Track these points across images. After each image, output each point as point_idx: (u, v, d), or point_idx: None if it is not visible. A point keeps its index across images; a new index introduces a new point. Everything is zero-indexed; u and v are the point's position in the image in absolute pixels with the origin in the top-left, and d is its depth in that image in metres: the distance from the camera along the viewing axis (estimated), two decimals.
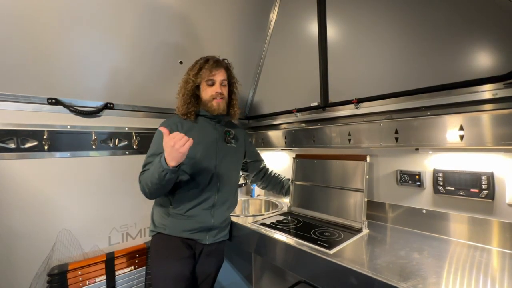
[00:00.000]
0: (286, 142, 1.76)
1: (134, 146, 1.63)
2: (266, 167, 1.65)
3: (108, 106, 1.52)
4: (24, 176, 1.28)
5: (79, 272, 1.35)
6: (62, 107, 1.37)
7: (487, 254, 0.97)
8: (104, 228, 1.52)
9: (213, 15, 1.66)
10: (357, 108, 1.33)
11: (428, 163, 1.21)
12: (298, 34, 1.69)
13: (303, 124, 1.67)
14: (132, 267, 1.54)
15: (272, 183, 1.63)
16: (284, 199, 1.85)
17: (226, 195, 1.31)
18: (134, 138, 1.63)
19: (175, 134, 1.00)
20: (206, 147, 1.27)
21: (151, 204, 1.32)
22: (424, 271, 0.84)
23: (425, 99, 1.10)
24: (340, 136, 1.43)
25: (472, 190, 1.07)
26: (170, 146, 0.98)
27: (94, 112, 1.47)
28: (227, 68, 1.34)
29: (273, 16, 1.87)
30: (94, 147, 1.48)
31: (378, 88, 1.25)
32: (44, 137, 1.32)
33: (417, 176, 1.22)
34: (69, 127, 1.40)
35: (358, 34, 1.35)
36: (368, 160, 1.31)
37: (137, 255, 1.56)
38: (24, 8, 1.13)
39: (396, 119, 1.20)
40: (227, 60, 1.35)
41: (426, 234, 1.17)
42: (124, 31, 1.41)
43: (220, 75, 1.29)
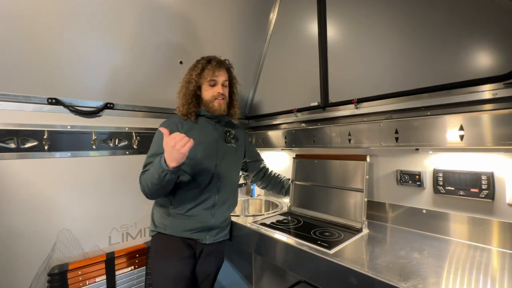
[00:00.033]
0: (286, 142, 1.76)
1: (134, 146, 1.63)
2: (266, 167, 1.65)
3: (108, 106, 1.52)
4: (24, 176, 1.28)
5: (79, 272, 1.35)
6: (62, 107, 1.37)
7: (487, 254, 0.97)
8: (104, 228, 1.52)
9: (213, 15, 1.66)
10: (357, 108, 1.33)
11: (428, 163, 1.21)
12: (298, 34, 1.69)
13: (303, 124, 1.67)
14: (132, 267, 1.55)
15: (272, 183, 1.63)
16: (284, 199, 1.85)
17: (226, 195, 1.31)
18: (134, 138, 1.63)
19: (176, 135, 0.99)
20: (207, 147, 1.27)
21: (151, 204, 1.32)
22: (424, 271, 0.84)
23: (425, 99, 1.10)
24: (340, 136, 1.43)
25: (472, 190, 1.07)
26: (171, 147, 0.98)
27: (94, 112, 1.47)
28: (228, 68, 1.35)
29: (273, 16, 1.87)
30: (94, 147, 1.48)
31: (378, 88, 1.25)
32: (44, 137, 1.33)
33: (417, 176, 1.22)
34: (69, 127, 1.40)
35: (358, 34, 1.35)
36: (368, 160, 1.31)
37: (137, 255, 1.56)
38: (24, 8, 1.13)
39: (396, 119, 1.20)
40: (228, 60, 1.35)
41: (426, 234, 1.17)
42: (124, 31, 1.41)
43: (222, 75, 1.29)
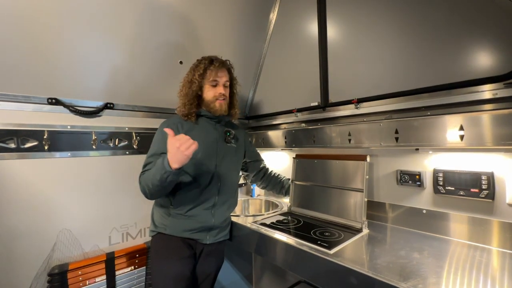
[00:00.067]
0: (286, 142, 1.76)
1: (134, 146, 1.63)
2: (266, 167, 1.65)
3: (108, 106, 1.52)
4: (24, 176, 1.28)
5: (79, 272, 1.35)
6: (62, 107, 1.37)
7: (487, 254, 0.97)
8: (104, 228, 1.52)
9: (213, 15, 1.66)
10: (357, 108, 1.33)
11: (428, 163, 1.21)
12: (298, 34, 1.69)
13: (303, 124, 1.67)
14: (132, 267, 1.55)
15: (272, 183, 1.63)
16: (284, 199, 1.85)
17: (227, 195, 1.31)
18: (134, 138, 1.63)
19: (181, 136, 1.00)
20: (207, 147, 1.27)
21: (151, 204, 1.32)
22: (424, 271, 0.84)
23: (425, 99, 1.10)
24: (340, 136, 1.43)
25: (472, 190, 1.07)
26: (176, 148, 0.98)
27: (94, 112, 1.47)
28: (229, 69, 1.35)
29: (273, 16, 1.87)
30: (94, 147, 1.48)
31: (378, 88, 1.25)
32: (44, 137, 1.33)
33: (417, 176, 1.22)
34: (69, 127, 1.40)
35: (358, 34, 1.35)
36: (368, 160, 1.31)
37: (137, 255, 1.56)
38: (24, 8, 1.13)
39: (396, 119, 1.20)
40: (229, 61, 1.36)
41: (426, 234, 1.17)
42: (124, 31, 1.41)
43: (224, 76, 1.30)
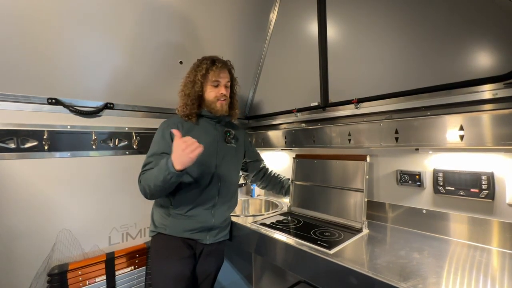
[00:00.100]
0: (286, 142, 1.76)
1: (134, 146, 1.62)
2: (266, 167, 1.65)
3: (108, 106, 1.52)
4: (24, 176, 1.28)
5: (79, 272, 1.35)
6: (62, 107, 1.37)
7: (487, 254, 0.97)
8: (104, 228, 1.52)
9: (213, 15, 1.66)
10: (357, 108, 1.33)
11: (428, 163, 1.21)
12: (298, 34, 1.69)
13: (303, 124, 1.67)
14: (132, 267, 1.54)
15: (272, 183, 1.63)
16: (284, 199, 1.85)
17: (227, 195, 1.31)
18: (134, 138, 1.62)
19: (187, 139, 1.01)
20: (207, 147, 1.26)
21: (151, 204, 1.32)
22: (424, 271, 0.84)
23: (425, 99, 1.10)
24: (340, 136, 1.43)
25: (472, 190, 1.07)
26: (181, 150, 0.99)
27: (94, 112, 1.47)
28: (230, 69, 1.35)
29: (273, 16, 1.87)
30: (94, 147, 1.48)
31: (378, 88, 1.25)
32: (44, 137, 1.32)
33: (417, 176, 1.22)
34: (69, 127, 1.40)
35: (358, 34, 1.35)
36: (368, 160, 1.31)
37: (137, 255, 1.56)
38: (24, 8, 1.13)
39: (396, 119, 1.20)
40: (230, 61, 1.36)
41: (426, 234, 1.17)
42: (124, 31, 1.41)
43: (225, 77, 1.30)
